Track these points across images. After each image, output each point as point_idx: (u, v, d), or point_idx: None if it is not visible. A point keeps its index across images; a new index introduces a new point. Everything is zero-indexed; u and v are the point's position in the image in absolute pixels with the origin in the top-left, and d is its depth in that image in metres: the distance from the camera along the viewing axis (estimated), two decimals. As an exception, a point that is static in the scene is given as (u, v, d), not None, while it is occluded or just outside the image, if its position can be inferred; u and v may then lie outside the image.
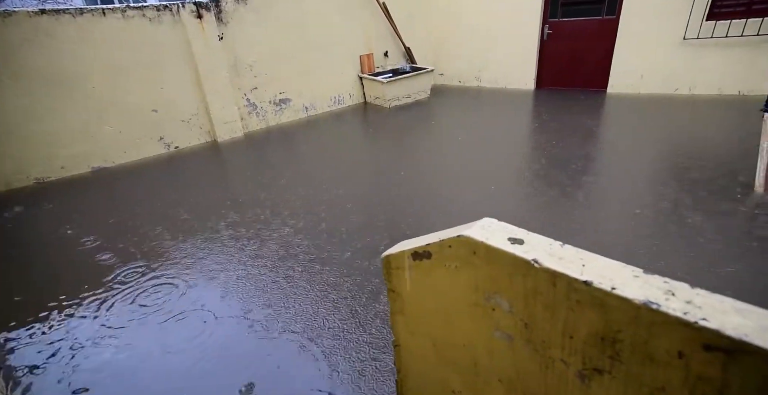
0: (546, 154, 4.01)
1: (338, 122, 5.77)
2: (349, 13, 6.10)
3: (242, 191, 3.65)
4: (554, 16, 6.32)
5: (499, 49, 6.88)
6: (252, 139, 5.21)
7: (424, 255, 1.14)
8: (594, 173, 3.54)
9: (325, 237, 2.80)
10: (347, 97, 6.52)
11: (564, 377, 0.87)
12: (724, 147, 3.75)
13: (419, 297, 1.16)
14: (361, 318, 2.04)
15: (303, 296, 2.23)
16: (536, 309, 0.91)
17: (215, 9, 4.78)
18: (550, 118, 5.19)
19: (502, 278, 0.97)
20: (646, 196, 3.04)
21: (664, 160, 3.70)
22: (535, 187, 3.36)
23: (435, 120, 5.60)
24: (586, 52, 6.26)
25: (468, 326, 1.05)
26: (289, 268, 2.49)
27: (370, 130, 5.46)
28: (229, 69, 5.04)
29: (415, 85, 6.49)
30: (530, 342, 0.93)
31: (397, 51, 7.00)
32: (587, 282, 0.82)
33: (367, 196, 3.41)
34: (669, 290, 0.77)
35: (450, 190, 3.42)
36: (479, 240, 0.99)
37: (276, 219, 3.10)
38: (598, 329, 0.81)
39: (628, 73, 5.95)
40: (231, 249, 2.72)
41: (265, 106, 5.57)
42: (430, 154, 4.30)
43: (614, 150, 4.07)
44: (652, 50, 5.64)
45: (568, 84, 6.59)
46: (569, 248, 0.95)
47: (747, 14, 4.92)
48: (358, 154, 4.57)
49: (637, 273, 0.84)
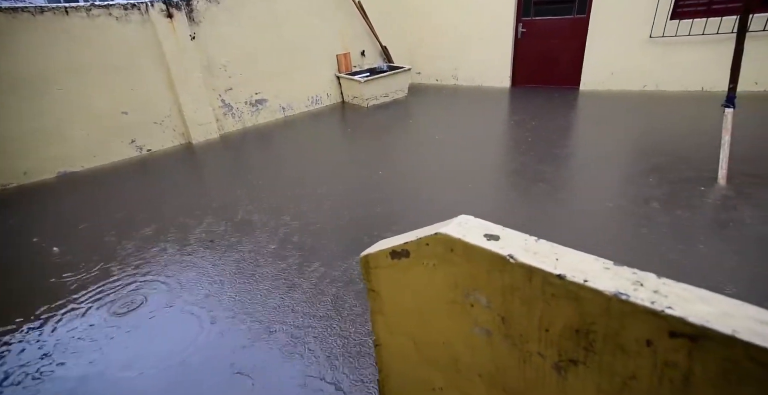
0: (521, 150, 4.08)
1: (316, 122, 5.72)
2: (325, 13, 6.06)
3: (218, 194, 3.58)
4: (527, 15, 6.43)
5: (475, 48, 6.96)
6: (228, 140, 5.12)
7: (403, 254, 1.14)
8: (568, 168, 3.62)
9: (304, 240, 2.78)
10: (325, 97, 6.47)
11: (541, 370, 0.89)
12: (690, 141, 3.89)
13: (398, 296, 1.16)
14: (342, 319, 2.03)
15: (289, 302, 2.20)
16: (513, 304, 0.93)
17: (186, 8, 4.67)
18: (525, 116, 5.29)
19: (480, 274, 0.98)
20: (618, 190, 3.13)
21: (635, 154, 3.82)
22: (511, 183, 3.42)
23: (413, 118, 5.63)
24: (559, 50, 6.39)
25: (447, 323, 1.06)
26: (271, 276, 2.45)
27: (349, 130, 5.44)
28: (202, 69, 4.93)
29: (392, 84, 6.50)
30: (508, 337, 0.94)
31: (374, 50, 6.99)
32: (561, 276, 0.83)
33: (346, 195, 3.40)
34: (637, 280, 0.80)
35: (428, 188, 3.45)
36: (456, 237, 1.00)
37: (253, 222, 3.06)
38: (573, 321, 0.83)
39: (599, 70, 6.11)
40: (207, 258, 2.67)
41: (241, 107, 5.48)
42: (408, 153, 4.31)
43: (587, 146, 4.18)
44: (620, 48, 5.81)
45: (542, 81, 6.73)
46: (543, 243, 0.97)
47: (707, 14, 5.12)
48: (337, 154, 4.55)
49: (607, 265, 0.86)
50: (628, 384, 0.75)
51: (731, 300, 0.70)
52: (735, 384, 0.61)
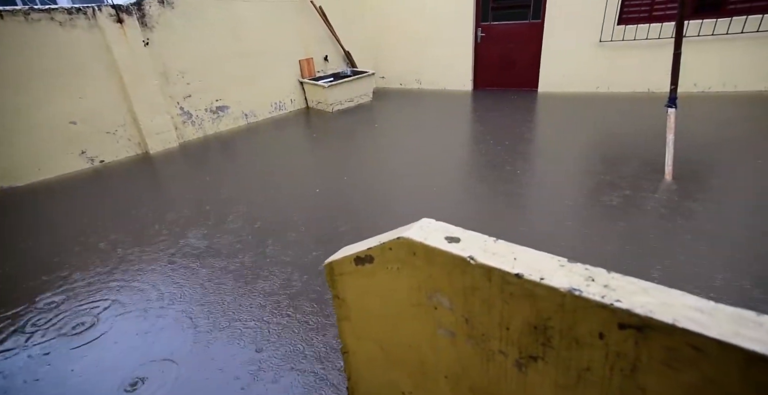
0: (484, 152, 4.19)
1: (280, 128, 5.64)
2: (286, 18, 6.00)
3: (176, 206, 3.45)
4: (486, 20, 6.63)
5: (437, 52, 7.10)
6: (188, 149, 4.96)
7: (366, 260, 1.14)
8: (527, 169, 3.75)
9: (269, 252, 2.72)
10: (288, 103, 6.40)
11: (503, 367, 0.91)
12: (639, 140, 4.12)
13: (364, 302, 1.16)
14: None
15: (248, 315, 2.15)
16: (475, 305, 0.95)
17: (138, 13, 4.50)
18: (487, 118, 5.43)
19: (442, 276, 0.99)
20: (575, 188, 3.27)
21: (589, 154, 4.01)
22: (475, 185, 3.49)
23: (379, 123, 5.66)
24: (517, 53, 6.62)
25: (413, 326, 1.07)
26: (234, 296, 2.39)
27: (314, 135, 5.40)
28: (158, 76, 4.76)
29: (357, 88, 6.51)
30: (471, 337, 0.96)
31: (337, 55, 6.99)
32: (519, 275, 0.86)
33: (312, 202, 3.36)
34: (589, 276, 0.83)
35: (394, 192, 3.47)
36: (418, 240, 1.01)
37: (214, 236, 2.97)
38: (531, 318, 0.86)
39: (555, 73, 6.37)
40: (164, 278, 2.57)
41: (201, 115, 5.32)
42: (374, 157, 4.33)
43: (545, 147, 4.34)
44: (574, 52, 6.09)
45: (503, 84, 6.94)
46: (502, 243, 0.99)
47: (649, 20, 5.46)
48: (302, 160, 4.50)
49: (562, 262, 0.90)
50: (582, 376, 0.78)
51: (672, 290, 0.74)
52: (676, 370, 0.65)
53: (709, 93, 5.48)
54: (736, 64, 5.27)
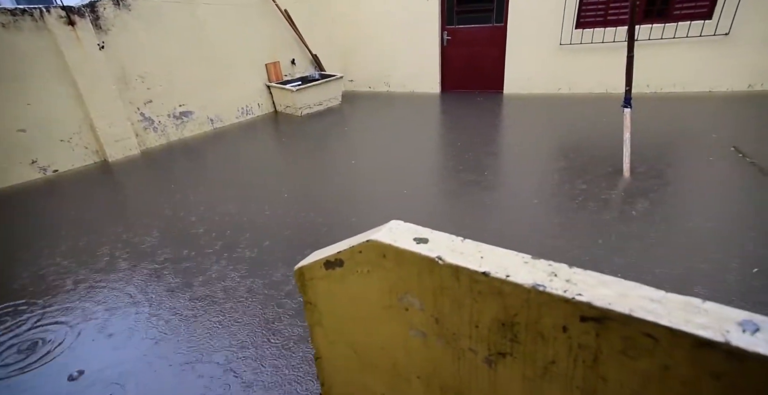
0: (453, 153, 4.25)
1: (248, 133, 5.54)
2: (251, 21, 5.90)
3: (136, 217, 3.32)
4: (451, 24, 6.75)
5: (404, 55, 7.16)
6: (151, 156, 4.78)
7: (337, 263, 1.13)
8: (495, 169, 3.83)
9: (239, 267, 2.66)
10: (256, 107, 6.29)
11: (474, 365, 0.93)
12: (598, 138, 4.29)
13: (336, 306, 1.15)
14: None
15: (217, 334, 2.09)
16: (444, 304, 0.96)
17: (91, 15, 4.31)
18: (454, 120, 5.52)
19: (412, 278, 1.00)
20: (541, 187, 3.37)
21: (553, 153, 4.14)
22: (445, 186, 3.54)
23: (348, 126, 5.65)
24: (483, 56, 6.77)
25: (385, 328, 1.07)
26: (203, 318, 2.32)
27: (283, 140, 5.33)
28: (116, 81, 4.56)
29: (325, 92, 6.48)
30: (442, 337, 0.97)
31: (304, 58, 6.93)
32: (486, 273, 0.88)
33: (282, 208, 3.31)
34: (552, 272, 0.86)
35: (366, 195, 3.47)
36: (387, 242, 1.02)
37: (179, 251, 2.88)
38: (499, 315, 0.88)
39: (519, 75, 6.56)
40: (124, 298, 2.46)
41: (164, 120, 5.14)
42: (344, 161, 4.31)
43: (512, 147, 4.46)
44: (536, 54, 6.29)
45: (470, 86, 7.07)
46: (469, 242, 1.01)
47: (604, 24, 5.72)
48: (271, 165, 4.43)
49: (526, 259, 0.92)
50: (548, 369, 0.81)
51: (627, 282, 0.78)
52: (633, 358, 0.68)
53: (661, 93, 5.78)
54: (683, 66, 5.59)
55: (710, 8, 5.22)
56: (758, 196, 2.88)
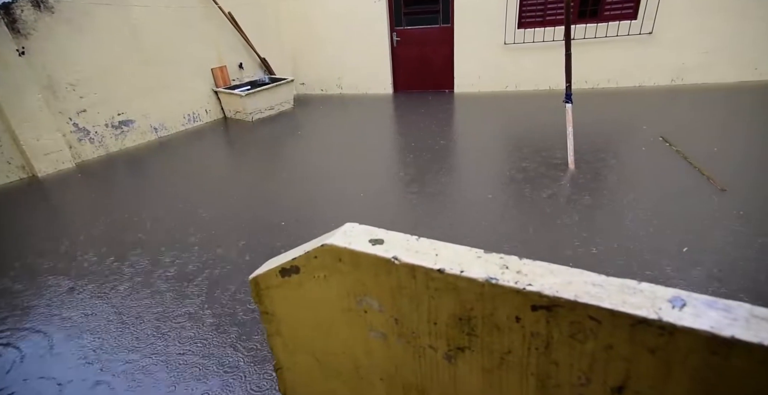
0: (407, 153, 4.30)
1: (196, 141, 5.31)
2: (192, 24, 5.66)
3: (72, 237, 3.09)
4: (399, 25, 6.82)
5: (355, 57, 7.15)
6: (87, 169, 4.46)
7: (292, 270, 1.11)
8: (449, 167, 3.92)
9: (184, 286, 2.55)
10: (203, 114, 6.04)
11: (434, 361, 0.93)
12: (544, 133, 4.50)
13: (294, 314, 1.13)
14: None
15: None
16: (402, 304, 0.96)
17: (6, 18, 3.93)
18: (408, 120, 5.59)
19: (369, 279, 1.00)
20: (493, 182, 3.48)
21: (503, 148, 4.30)
22: (402, 186, 3.57)
23: (301, 129, 5.56)
24: (432, 56, 6.90)
25: (345, 332, 1.06)
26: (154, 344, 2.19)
27: (235, 146, 5.16)
28: (42, 90, 4.21)
29: (276, 96, 6.34)
30: (402, 336, 0.97)
31: (252, 62, 6.75)
32: (441, 270, 0.89)
33: (235, 217, 3.21)
34: (504, 264, 0.88)
35: (322, 200, 3.43)
36: (342, 246, 1.01)
37: (119, 271, 2.71)
38: (455, 310, 0.89)
39: (468, 74, 6.74)
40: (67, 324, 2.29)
41: (101, 131, 4.82)
42: (299, 165, 4.24)
43: (463, 144, 4.57)
44: (483, 54, 6.49)
45: (422, 86, 7.18)
46: (424, 241, 1.02)
47: (544, 24, 6.00)
48: (222, 173, 4.27)
49: (479, 254, 0.94)
50: (505, 359, 0.83)
51: (572, 269, 0.82)
52: (581, 341, 0.72)
53: (598, 89, 6.15)
54: (615, 62, 5.98)
55: (635, 9, 5.62)
56: (684, 181, 3.14)
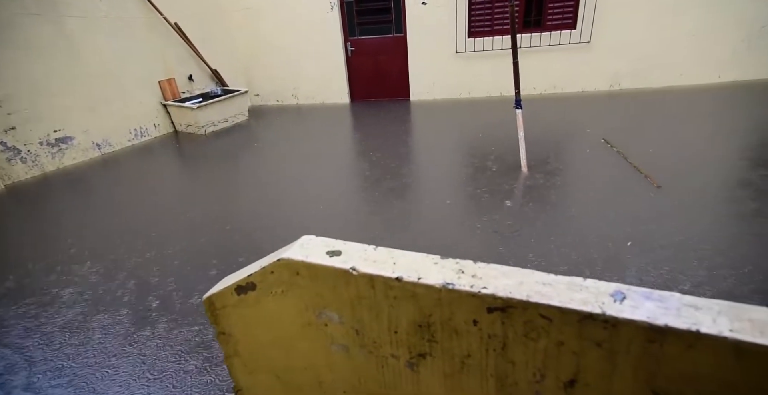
0: (365, 163, 4.32)
1: (145, 157, 5.07)
2: (136, 36, 5.43)
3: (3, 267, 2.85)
4: (353, 35, 6.88)
5: (310, 67, 7.13)
6: (19, 191, 4.13)
7: (249, 287, 1.07)
8: (407, 175, 3.97)
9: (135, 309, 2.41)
10: (152, 128, 5.78)
11: (397, 370, 0.93)
12: (499, 138, 4.67)
13: (252, 333, 1.09)
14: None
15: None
16: (363, 314, 0.96)
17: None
18: (365, 129, 5.62)
19: (328, 292, 0.98)
20: (451, 187, 3.56)
21: (460, 154, 4.41)
22: (361, 196, 3.58)
23: (258, 141, 5.45)
24: (388, 65, 7.00)
25: (306, 347, 1.03)
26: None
27: (187, 160, 4.97)
28: (-35, 107, 3.89)
29: (230, 108, 6.19)
30: (364, 347, 0.96)
31: (203, 74, 6.56)
32: (399, 279, 0.89)
33: (189, 236, 3.08)
34: (460, 269, 0.90)
35: (280, 213, 3.37)
36: (299, 259, 0.99)
37: (56, 294, 2.53)
38: (415, 317, 0.90)
39: (423, 82, 6.89)
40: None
41: (35, 149, 4.48)
42: (256, 177, 4.15)
43: (420, 152, 4.66)
44: (436, 62, 6.66)
45: (378, 95, 7.25)
46: (381, 250, 1.02)
47: (492, 33, 6.27)
48: (174, 189, 4.10)
49: (436, 260, 0.95)
50: (465, 362, 0.84)
51: (524, 270, 0.84)
52: (534, 340, 0.74)
53: (545, 94, 6.48)
54: (559, 69, 6.33)
55: (574, 20, 5.99)
56: (625, 180, 3.35)
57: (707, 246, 2.43)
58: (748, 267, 2.22)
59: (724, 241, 2.46)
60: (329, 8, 6.56)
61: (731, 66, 5.85)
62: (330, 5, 6.54)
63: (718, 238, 2.49)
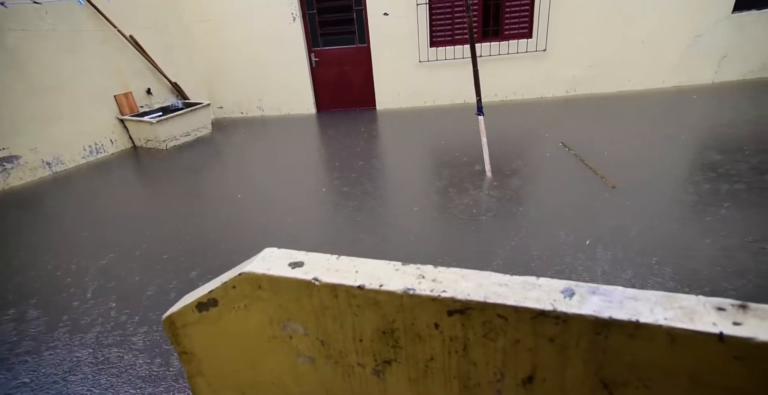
0: (333, 173, 4.32)
1: (101, 175, 4.85)
2: (87, 49, 5.22)
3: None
4: (317, 45, 6.90)
5: (274, 78, 7.08)
6: (-35, 213, 3.88)
7: (210, 304, 1.05)
8: (375, 183, 3.99)
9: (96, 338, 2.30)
10: (109, 144, 5.55)
11: (364, 378, 0.93)
12: (463, 144, 4.77)
13: (216, 350, 1.06)
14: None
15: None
16: (327, 324, 0.95)
17: None
18: (332, 139, 5.62)
19: (291, 304, 0.97)
20: (418, 194, 3.61)
21: (426, 161, 4.48)
22: (328, 206, 3.57)
23: (222, 154, 5.34)
24: (353, 75, 7.05)
25: (272, 361, 1.02)
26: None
27: (147, 176, 4.80)
28: None
29: (192, 121, 6.04)
30: (330, 357, 0.96)
31: (162, 87, 6.38)
32: (361, 287, 0.90)
33: (148, 257, 2.96)
34: (420, 274, 0.91)
35: (247, 227, 3.31)
36: (261, 272, 0.98)
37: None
38: (378, 324, 0.90)
39: (389, 91, 6.98)
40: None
41: (-22, 169, 4.22)
42: (220, 191, 4.06)
43: (387, 160, 4.70)
44: (400, 71, 6.77)
45: (344, 105, 7.28)
46: (344, 259, 1.02)
47: (453, 43, 6.45)
48: (132, 207, 3.94)
49: (397, 266, 0.97)
50: (429, 366, 0.85)
51: (482, 272, 0.87)
52: (493, 339, 0.76)
53: (506, 101, 6.70)
54: (518, 77, 6.58)
55: (530, 29, 6.25)
56: (583, 181, 3.50)
57: (657, 242, 2.56)
58: (689, 260, 2.36)
59: (671, 237, 2.61)
60: (291, 19, 6.56)
61: (674, 72, 6.26)
62: (292, 17, 6.55)
63: (666, 234, 2.64)
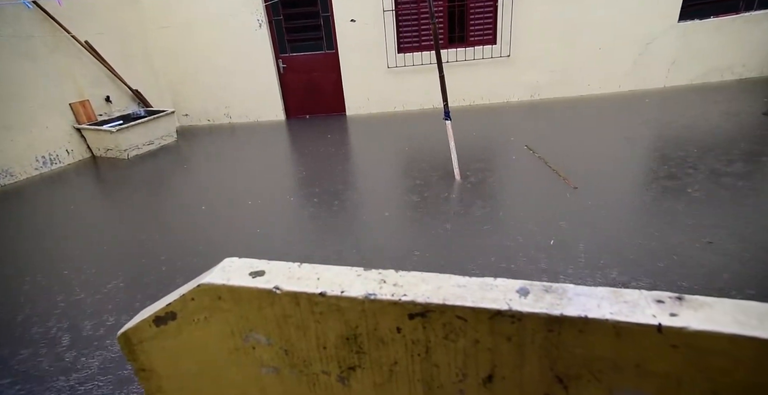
0: (303, 180, 4.28)
1: (54, 187, 4.62)
2: (38, 57, 4.97)
3: None
4: (284, 52, 6.84)
5: (243, 85, 6.97)
6: None
7: (168, 317, 1.01)
8: (345, 189, 3.98)
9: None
10: (64, 154, 5.30)
11: (329, 386, 0.92)
12: (432, 149, 4.84)
13: (176, 365, 1.03)
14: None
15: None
16: (290, 333, 0.94)
17: None
18: (302, 146, 5.58)
19: (253, 314, 0.96)
20: (388, 199, 3.62)
21: (395, 166, 4.51)
22: (298, 214, 3.53)
23: (187, 163, 5.20)
24: (321, 82, 7.03)
25: (235, 374, 0.99)
26: None
27: (107, 187, 4.61)
28: None
29: (155, 129, 5.86)
30: (294, 367, 0.94)
31: (123, 95, 6.16)
32: (322, 294, 0.89)
33: (107, 272, 2.84)
34: (382, 279, 0.92)
35: (212, 238, 3.22)
36: (220, 283, 0.96)
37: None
38: (342, 331, 0.90)
39: (358, 97, 7.00)
40: None
41: None
42: (185, 201, 3.94)
43: (357, 165, 4.70)
44: (369, 77, 6.81)
45: (314, 111, 7.24)
46: (306, 266, 1.01)
47: (420, 49, 6.54)
48: (88, 220, 3.77)
49: (359, 272, 0.96)
50: (393, 370, 0.86)
51: (442, 275, 0.88)
52: (453, 341, 0.77)
53: (474, 105, 6.85)
54: (485, 82, 6.74)
55: (494, 36, 6.43)
56: (547, 183, 3.62)
57: (615, 240, 2.67)
58: (645, 258, 2.48)
59: (629, 235, 2.73)
60: (257, 26, 6.49)
61: (629, 77, 6.58)
62: (258, 23, 6.48)
63: (625, 232, 2.76)
